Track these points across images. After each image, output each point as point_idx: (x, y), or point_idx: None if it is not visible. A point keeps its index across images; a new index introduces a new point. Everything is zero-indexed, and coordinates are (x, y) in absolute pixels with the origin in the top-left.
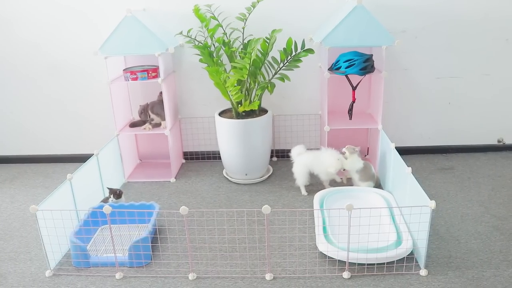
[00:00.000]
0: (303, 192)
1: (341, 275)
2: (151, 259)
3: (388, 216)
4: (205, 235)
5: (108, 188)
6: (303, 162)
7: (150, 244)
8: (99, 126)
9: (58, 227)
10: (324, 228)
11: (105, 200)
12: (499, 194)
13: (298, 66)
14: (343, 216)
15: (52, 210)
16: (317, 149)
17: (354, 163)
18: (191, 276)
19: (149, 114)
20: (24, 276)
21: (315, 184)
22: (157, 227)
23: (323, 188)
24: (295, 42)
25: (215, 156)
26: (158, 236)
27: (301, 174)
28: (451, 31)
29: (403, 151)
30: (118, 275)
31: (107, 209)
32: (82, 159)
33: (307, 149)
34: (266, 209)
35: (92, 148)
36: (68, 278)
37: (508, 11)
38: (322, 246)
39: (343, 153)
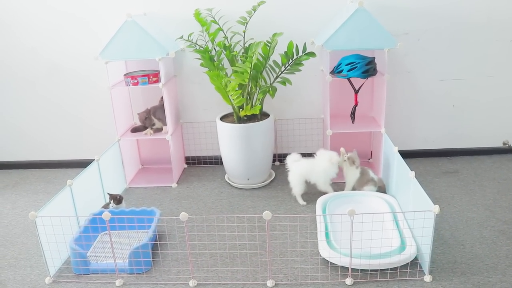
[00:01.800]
0: (301, 202)
1: (344, 282)
2: (152, 266)
3: (391, 221)
4: (206, 241)
5: (108, 194)
6: (298, 170)
7: (150, 251)
8: (101, 131)
9: (57, 234)
10: (327, 234)
11: (106, 206)
12: (505, 198)
13: (299, 70)
14: (345, 222)
15: (52, 217)
16: (312, 156)
17: (352, 175)
18: (191, 282)
19: (152, 118)
20: (24, 283)
21: (315, 192)
22: (157, 233)
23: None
24: (297, 46)
25: (217, 161)
26: (158, 242)
27: (297, 183)
28: (454, 33)
29: (407, 155)
30: (118, 282)
31: (106, 215)
32: (84, 164)
33: (306, 154)
34: (267, 215)
35: (94, 153)
36: (68, 285)
37: None
38: (324, 252)
39: (345, 159)
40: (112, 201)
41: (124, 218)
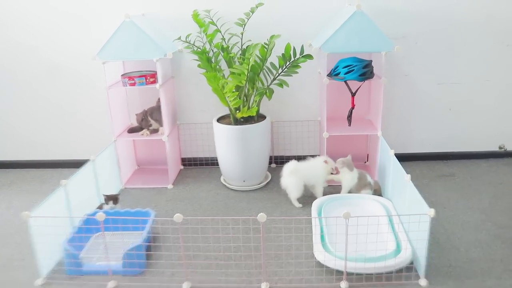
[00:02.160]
0: (296, 204)
1: (339, 285)
2: (145, 268)
3: (387, 224)
4: (200, 243)
5: (104, 195)
6: (299, 175)
7: (144, 252)
8: (97, 132)
9: (51, 234)
10: (322, 237)
11: (101, 207)
12: (501, 202)
13: (296, 72)
14: (341, 225)
15: (45, 217)
16: (305, 159)
17: (347, 179)
18: (185, 285)
19: (148, 119)
20: (16, 284)
21: (311, 195)
22: (151, 234)
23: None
24: (294, 48)
25: (213, 163)
26: (152, 244)
27: (296, 187)
28: (452, 37)
29: (404, 158)
30: (111, 284)
31: (100, 216)
32: (80, 164)
33: (302, 157)
34: (261, 217)
35: (90, 153)
36: (60, 287)
37: (509, 16)
38: (320, 255)
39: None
40: (111, 201)
41: (119, 219)
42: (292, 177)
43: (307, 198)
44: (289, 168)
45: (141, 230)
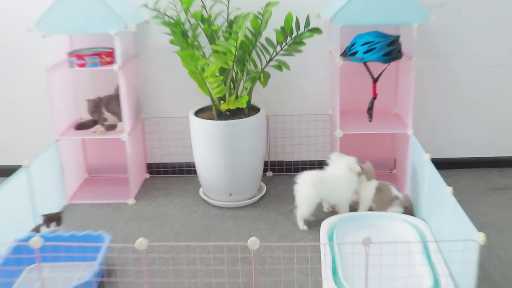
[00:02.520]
0: (301, 226)
1: None
2: None
3: (420, 253)
4: (171, 279)
5: (43, 215)
6: (316, 188)
7: None
8: (33, 128)
9: None
10: (334, 270)
11: (37, 229)
12: None
13: (300, 51)
14: (359, 253)
15: None
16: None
17: (367, 192)
18: None
19: (103, 112)
20: None
21: (320, 214)
22: (106, 267)
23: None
24: (297, 19)
25: (189, 170)
26: (106, 279)
27: (308, 203)
28: (505, 5)
29: (442, 165)
30: None
31: (35, 242)
32: (10, 172)
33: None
34: (253, 243)
35: (23, 157)
36: None
37: None
38: None
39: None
40: (54, 223)
41: (61, 247)
42: (308, 189)
43: (315, 217)
44: (309, 179)
45: (92, 261)
